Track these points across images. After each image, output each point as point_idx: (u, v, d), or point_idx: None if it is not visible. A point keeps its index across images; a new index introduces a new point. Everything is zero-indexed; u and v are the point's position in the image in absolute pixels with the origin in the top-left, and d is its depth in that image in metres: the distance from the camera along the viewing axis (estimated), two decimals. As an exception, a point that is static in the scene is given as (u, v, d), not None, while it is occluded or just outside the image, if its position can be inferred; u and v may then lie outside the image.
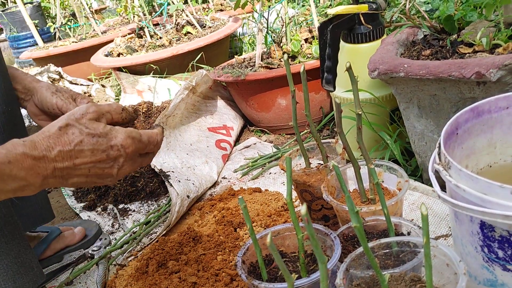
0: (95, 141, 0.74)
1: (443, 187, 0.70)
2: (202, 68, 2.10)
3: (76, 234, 1.25)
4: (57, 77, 2.18)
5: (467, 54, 0.95)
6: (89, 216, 1.43)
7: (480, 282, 0.69)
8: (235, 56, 1.93)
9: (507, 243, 0.62)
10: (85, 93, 2.15)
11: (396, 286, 0.64)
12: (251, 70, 1.65)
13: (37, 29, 3.39)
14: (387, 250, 0.70)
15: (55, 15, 3.61)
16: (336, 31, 1.21)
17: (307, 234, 0.48)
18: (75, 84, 2.22)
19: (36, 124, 1.02)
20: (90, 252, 1.22)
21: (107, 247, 1.24)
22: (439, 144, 0.71)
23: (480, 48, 0.94)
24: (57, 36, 3.42)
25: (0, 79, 0.96)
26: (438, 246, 0.62)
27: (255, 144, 1.67)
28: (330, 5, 2.01)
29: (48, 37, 4.33)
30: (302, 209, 0.48)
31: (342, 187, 0.72)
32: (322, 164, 1.02)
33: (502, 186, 0.58)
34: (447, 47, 1.02)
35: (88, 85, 2.23)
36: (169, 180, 1.31)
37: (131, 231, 1.28)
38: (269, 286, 0.66)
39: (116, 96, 2.29)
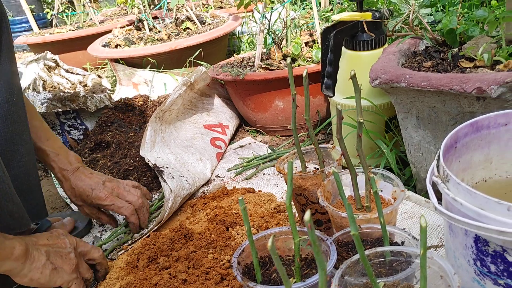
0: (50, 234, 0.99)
1: (438, 198, 0.71)
2: (200, 64, 2.10)
3: (66, 225, 1.24)
4: (53, 65, 2.17)
5: (468, 69, 0.96)
6: (80, 207, 1.42)
7: (471, 295, 0.70)
8: (234, 54, 1.93)
9: (500, 258, 0.63)
10: (80, 82, 2.13)
11: (389, 295, 0.65)
12: (250, 70, 1.65)
13: (33, 14, 3.36)
14: (382, 259, 0.71)
15: (52, 1, 3.58)
16: (339, 37, 1.22)
17: (309, 240, 0.49)
18: (71, 73, 2.20)
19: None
20: None
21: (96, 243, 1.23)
22: (438, 156, 0.72)
23: (481, 63, 0.95)
24: (53, 23, 3.40)
25: (6, 64, 0.95)
26: (434, 258, 0.62)
27: (250, 144, 1.67)
28: (332, 9, 2.01)
29: (44, 23, 4.30)
30: (306, 215, 0.48)
31: (341, 194, 0.73)
32: (318, 169, 1.03)
33: (499, 202, 0.59)
34: (448, 60, 1.03)
35: (84, 75, 2.21)
36: (163, 176, 1.31)
37: (124, 225, 1.28)
38: (264, 288, 0.66)
39: (111, 87, 2.27)
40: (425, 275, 0.55)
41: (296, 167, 1.08)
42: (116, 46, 2.36)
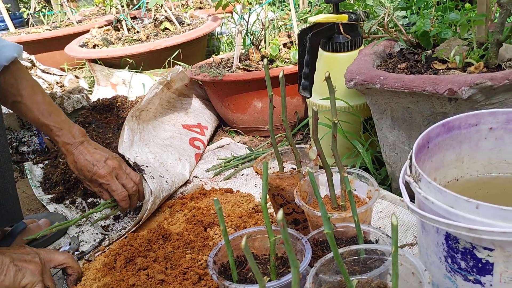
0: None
1: (411, 197, 0.72)
2: (179, 65, 2.09)
3: (41, 227, 1.23)
4: (30, 65, 2.13)
5: (441, 71, 0.98)
6: (56, 209, 1.41)
7: (442, 291, 0.72)
8: (213, 55, 1.93)
9: (469, 254, 0.65)
10: (57, 83, 2.11)
11: (362, 292, 0.66)
12: (228, 71, 1.65)
13: (8, 13, 3.31)
14: (356, 257, 0.72)
15: (28, 0, 3.53)
16: (315, 39, 1.23)
17: (282, 239, 0.50)
18: (48, 73, 2.17)
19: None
20: None
21: (76, 253, 1.21)
22: (411, 156, 0.74)
23: (453, 65, 0.98)
24: (30, 23, 3.34)
25: None
26: (405, 255, 0.64)
27: (228, 144, 1.68)
28: (310, 10, 2.03)
29: (20, 23, 4.22)
30: (279, 214, 0.49)
31: (316, 193, 0.74)
32: (295, 169, 1.04)
33: (468, 200, 0.60)
34: (422, 62, 1.05)
35: (61, 75, 2.19)
36: (144, 175, 1.30)
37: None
38: (240, 287, 0.67)
39: (89, 88, 2.25)
40: (397, 272, 0.56)
41: (273, 167, 1.09)
42: (94, 46, 2.34)
